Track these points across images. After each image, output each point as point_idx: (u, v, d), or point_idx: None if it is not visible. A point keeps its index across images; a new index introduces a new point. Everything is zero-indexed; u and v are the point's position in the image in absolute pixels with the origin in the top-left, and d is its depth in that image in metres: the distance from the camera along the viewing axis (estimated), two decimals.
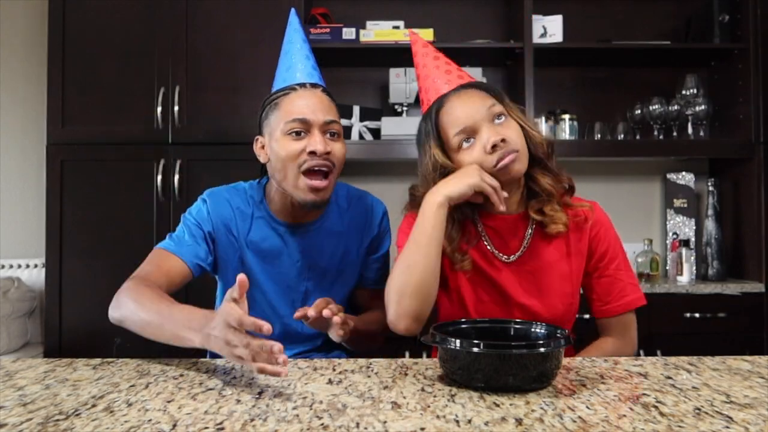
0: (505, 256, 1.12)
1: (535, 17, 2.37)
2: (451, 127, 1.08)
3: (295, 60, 1.22)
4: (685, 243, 2.42)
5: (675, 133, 2.48)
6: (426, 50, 1.18)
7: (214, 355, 1.31)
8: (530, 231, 1.12)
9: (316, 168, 1.12)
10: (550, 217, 1.08)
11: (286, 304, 1.25)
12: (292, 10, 1.33)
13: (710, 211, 2.44)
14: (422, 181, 1.13)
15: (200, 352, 1.07)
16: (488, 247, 1.13)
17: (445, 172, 1.08)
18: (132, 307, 1.03)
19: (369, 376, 0.86)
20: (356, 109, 2.42)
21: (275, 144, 1.15)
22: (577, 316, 1.19)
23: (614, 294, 1.13)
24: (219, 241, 1.23)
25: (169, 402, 0.74)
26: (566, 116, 2.48)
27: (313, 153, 1.11)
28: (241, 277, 0.83)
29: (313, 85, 1.18)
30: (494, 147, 1.03)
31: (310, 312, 1.02)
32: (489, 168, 1.05)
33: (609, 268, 1.13)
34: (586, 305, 1.19)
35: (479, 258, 1.12)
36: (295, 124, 1.13)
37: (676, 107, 2.43)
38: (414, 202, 1.14)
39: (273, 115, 1.17)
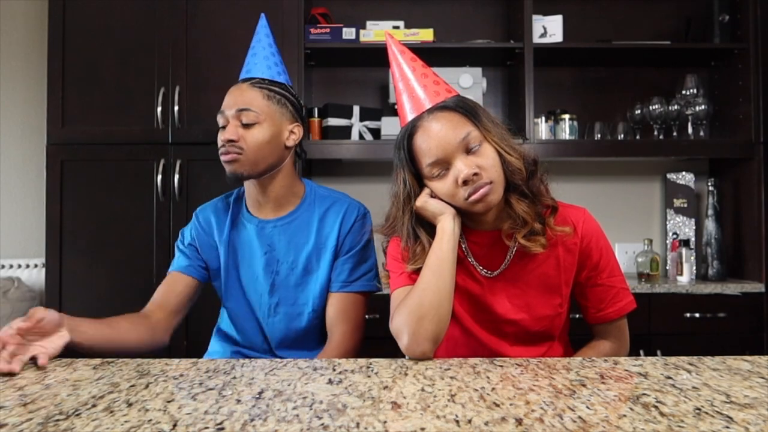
0: (488, 272, 1.11)
1: (535, 17, 2.37)
2: (424, 157, 1.04)
3: (246, 67, 1.35)
4: (685, 243, 2.42)
5: (675, 133, 2.48)
6: (404, 56, 1.13)
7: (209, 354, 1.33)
8: (514, 246, 1.10)
9: (225, 153, 1.26)
10: (522, 245, 1.05)
11: (255, 297, 1.32)
12: (262, 15, 1.40)
13: (710, 211, 2.44)
14: (394, 203, 1.11)
15: (200, 353, 1.07)
16: (472, 263, 1.12)
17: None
18: None
19: (369, 376, 0.86)
20: (356, 109, 2.42)
21: None
22: (572, 316, 1.19)
23: (608, 300, 1.12)
24: (201, 248, 1.36)
25: (169, 402, 0.74)
26: (566, 116, 2.48)
27: (222, 141, 1.27)
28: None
29: (244, 80, 1.31)
30: (465, 183, 1.01)
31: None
32: (460, 201, 1.03)
33: (601, 277, 1.11)
34: (577, 309, 1.18)
35: (464, 274, 1.11)
36: (218, 117, 1.29)
37: (676, 107, 2.43)
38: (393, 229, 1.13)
39: None
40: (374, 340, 1.36)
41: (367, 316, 1.33)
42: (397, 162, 1.10)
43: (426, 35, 2.37)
